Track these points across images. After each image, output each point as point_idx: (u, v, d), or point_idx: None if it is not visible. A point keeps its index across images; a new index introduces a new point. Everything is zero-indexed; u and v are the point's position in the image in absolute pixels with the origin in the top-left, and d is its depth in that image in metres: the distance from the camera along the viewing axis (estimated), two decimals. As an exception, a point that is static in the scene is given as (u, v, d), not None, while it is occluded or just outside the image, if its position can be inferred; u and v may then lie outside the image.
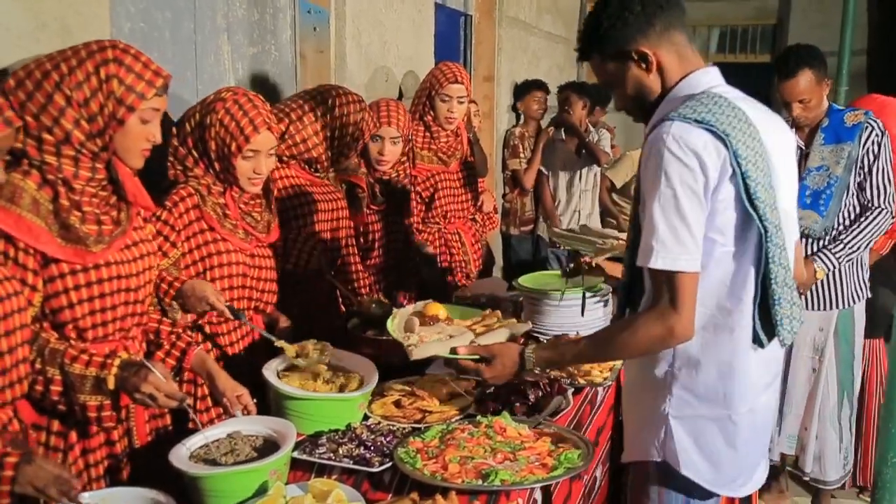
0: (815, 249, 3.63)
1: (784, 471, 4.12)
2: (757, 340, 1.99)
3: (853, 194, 3.62)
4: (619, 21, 1.96)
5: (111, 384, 1.98)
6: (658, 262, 1.85)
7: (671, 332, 1.90)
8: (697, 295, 1.92)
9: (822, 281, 3.68)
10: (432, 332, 2.51)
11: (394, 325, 2.53)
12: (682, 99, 1.95)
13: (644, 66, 1.99)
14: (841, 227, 3.63)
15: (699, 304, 1.94)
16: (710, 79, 2.01)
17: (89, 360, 1.98)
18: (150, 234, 2.28)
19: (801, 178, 3.62)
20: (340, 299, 3.21)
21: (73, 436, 2.08)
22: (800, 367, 3.83)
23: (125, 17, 2.82)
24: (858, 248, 3.61)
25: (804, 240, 3.62)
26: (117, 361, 2.00)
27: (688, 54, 2.02)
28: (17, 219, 1.90)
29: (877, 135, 3.58)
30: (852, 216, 3.64)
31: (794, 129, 3.69)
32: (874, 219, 3.59)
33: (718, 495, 2.08)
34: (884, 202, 3.59)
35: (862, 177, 3.60)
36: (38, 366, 1.95)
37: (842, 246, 3.59)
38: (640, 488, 2.10)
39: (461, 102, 3.94)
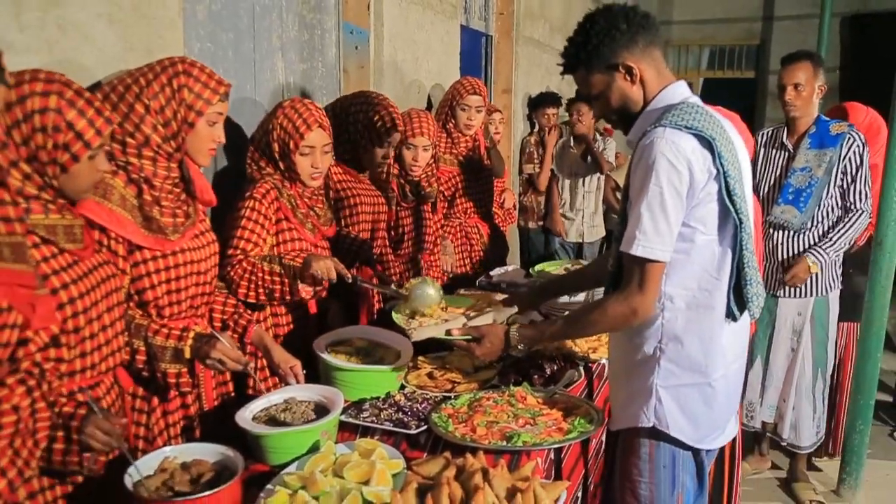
0: (797, 243, 3.67)
1: (766, 437, 4.13)
2: (730, 315, 2.01)
3: (833, 196, 3.64)
4: (607, 37, 1.97)
5: (188, 353, 2.02)
6: (638, 249, 1.88)
7: (634, 312, 1.93)
8: (682, 278, 1.96)
9: None
10: (431, 318, 2.55)
11: (397, 314, 2.56)
12: (663, 109, 1.96)
13: (629, 78, 1.99)
14: (818, 223, 3.65)
15: (684, 287, 1.97)
16: (683, 90, 2.03)
17: (168, 334, 2.03)
18: (209, 226, 2.30)
19: (786, 177, 3.71)
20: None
21: (155, 400, 2.13)
22: (780, 346, 3.84)
23: (195, 38, 2.84)
24: (843, 245, 3.65)
25: (782, 231, 3.70)
26: (192, 334, 2.05)
27: (663, 69, 2.04)
28: (109, 212, 1.96)
29: (858, 145, 3.60)
30: (830, 215, 3.66)
31: (785, 133, 3.79)
32: (856, 219, 3.63)
33: (699, 449, 2.11)
34: (864, 205, 3.62)
35: (845, 182, 3.62)
36: (125, 338, 2.00)
37: (830, 242, 3.63)
38: (631, 448, 2.12)
39: (479, 111, 3.98)
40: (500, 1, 6.23)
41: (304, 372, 2.32)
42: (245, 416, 1.99)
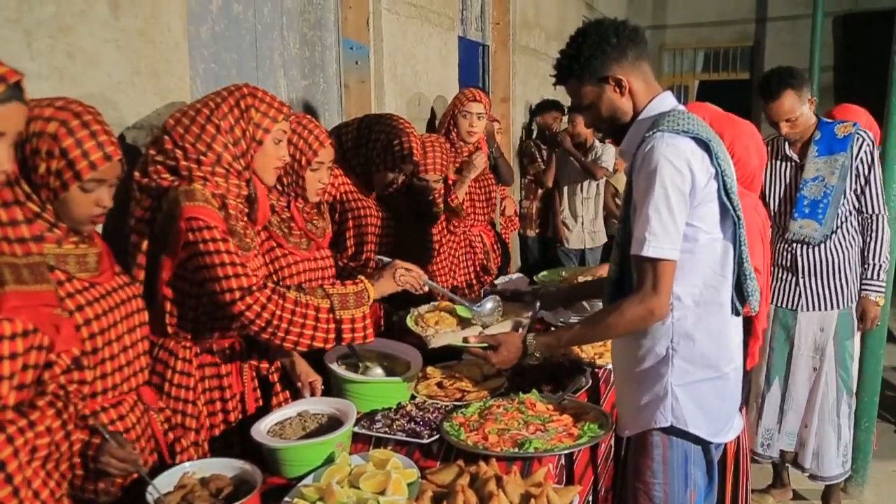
0: (817, 252, 3.48)
1: (785, 467, 3.90)
2: (734, 311, 2.08)
3: (849, 200, 3.43)
4: (598, 51, 2.02)
5: (372, 293, 2.25)
6: (649, 250, 1.91)
7: (651, 313, 1.96)
8: (689, 276, 2.00)
9: (824, 282, 3.51)
10: (446, 325, 2.58)
11: (412, 321, 2.59)
12: (654, 117, 2.02)
13: (619, 90, 2.05)
14: (836, 230, 3.45)
15: (691, 285, 2.01)
16: (671, 100, 2.08)
17: (343, 282, 2.23)
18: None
19: (797, 189, 3.48)
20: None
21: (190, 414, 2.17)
22: (801, 366, 3.60)
23: (200, 59, 2.88)
24: (885, 261, 3.46)
25: (801, 246, 3.51)
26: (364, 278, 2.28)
27: (651, 81, 2.10)
28: (216, 214, 2.04)
29: (868, 145, 3.40)
30: (848, 219, 3.46)
31: (787, 144, 3.55)
32: (880, 226, 3.44)
33: (710, 443, 2.14)
34: (880, 208, 3.43)
35: (859, 186, 3.42)
36: (302, 299, 2.10)
37: (874, 267, 3.47)
38: (643, 451, 2.14)
39: (480, 119, 4.01)
40: (496, 11, 6.28)
41: (323, 388, 2.35)
42: (260, 430, 2.01)
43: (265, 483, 1.84)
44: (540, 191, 5.98)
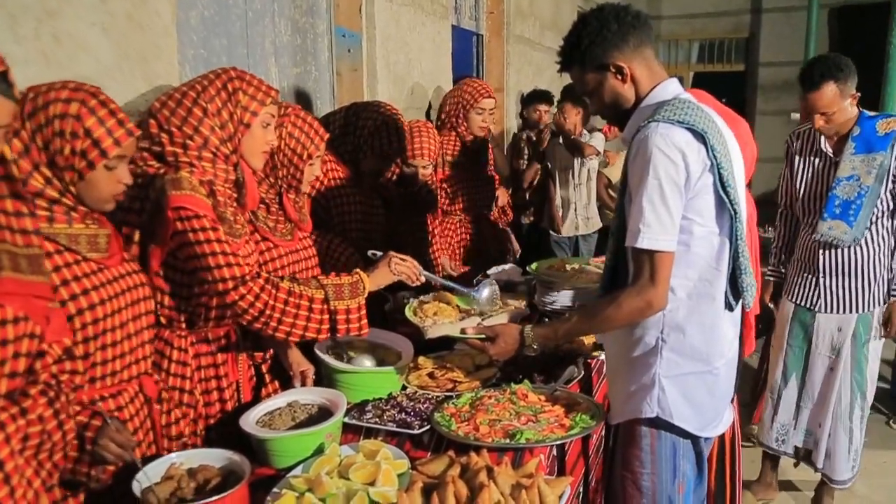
0: (844, 255, 3.32)
1: (777, 464, 3.87)
2: (728, 305, 2.05)
3: (882, 201, 3.22)
4: (598, 38, 2.00)
5: (367, 284, 2.25)
6: (644, 242, 1.89)
7: (649, 305, 1.94)
8: (683, 269, 1.98)
9: (845, 284, 3.36)
10: (445, 316, 2.56)
11: (411, 311, 2.57)
12: (655, 105, 1.99)
13: (620, 77, 2.03)
14: (866, 231, 3.26)
15: (685, 277, 1.99)
16: (675, 87, 2.06)
17: (338, 273, 2.25)
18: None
19: (830, 189, 3.28)
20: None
21: (187, 403, 2.16)
22: (817, 365, 3.49)
23: (189, 45, 2.85)
24: None
25: (829, 250, 3.35)
26: (360, 269, 2.28)
27: (655, 67, 2.07)
28: (204, 202, 2.02)
29: None
30: (880, 220, 3.28)
31: (822, 137, 3.36)
32: None
33: (699, 437, 2.13)
34: None
35: None
36: (296, 290, 2.10)
37: None
38: (631, 440, 2.13)
39: (491, 114, 4.02)
40: (490, 0, 6.25)
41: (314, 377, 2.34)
42: (249, 420, 1.99)
43: (254, 474, 1.83)
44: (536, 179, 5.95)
